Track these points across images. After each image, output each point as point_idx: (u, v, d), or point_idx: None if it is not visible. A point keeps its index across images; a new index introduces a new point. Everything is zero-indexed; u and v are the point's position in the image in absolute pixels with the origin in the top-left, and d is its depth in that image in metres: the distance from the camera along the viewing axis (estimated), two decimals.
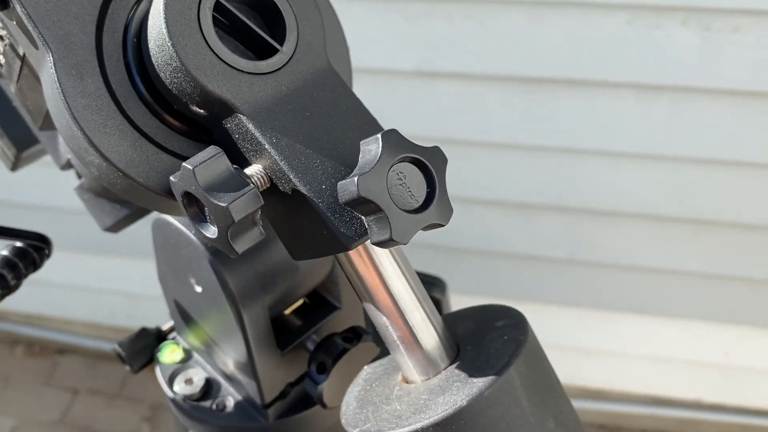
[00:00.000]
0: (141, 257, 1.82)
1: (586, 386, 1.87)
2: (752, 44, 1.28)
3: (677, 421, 1.83)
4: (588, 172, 1.48)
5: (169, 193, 0.47)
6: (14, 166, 0.74)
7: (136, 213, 0.69)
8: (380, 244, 0.42)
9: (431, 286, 0.77)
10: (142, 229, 0.80)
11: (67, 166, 0.69)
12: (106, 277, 2.01)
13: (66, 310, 2.14)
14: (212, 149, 0.43)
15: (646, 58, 1.33)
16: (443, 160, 0.44)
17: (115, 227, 0.70)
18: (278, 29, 0.47)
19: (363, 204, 0.41)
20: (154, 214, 0.63)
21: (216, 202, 0.41)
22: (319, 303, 0.68)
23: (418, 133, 1.48)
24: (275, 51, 0.47)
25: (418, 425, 0.47)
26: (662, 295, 1.62)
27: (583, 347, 1.80)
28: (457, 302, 0.81)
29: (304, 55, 0.47)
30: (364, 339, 0.62)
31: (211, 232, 0.43)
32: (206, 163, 0.42)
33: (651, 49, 1.32)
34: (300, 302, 0.68)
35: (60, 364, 2.18)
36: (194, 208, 0.44)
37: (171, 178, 0.43)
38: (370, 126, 0.48)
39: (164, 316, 0.75)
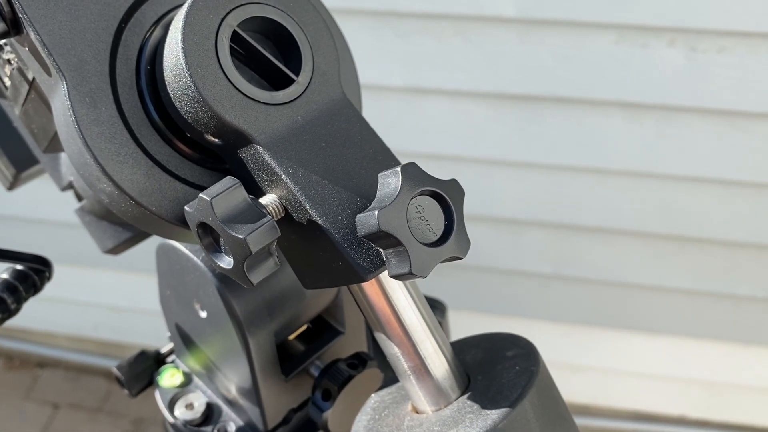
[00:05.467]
0: (125, 270, 1.81)
1: (572, 401, 1.87)
2: (737, 65, 1.30)
3: None
4: (575, 188, 1.49)
5: (181, 222, 0.46)
6: (12, 186, 0.73)
7: (138, 236, 0.68)
8: (399, 277, 0.42)
9: (432, 309, 0.77)
10: None
11: (68, 187, 0.68)
12: (90, 290, 1.98)
13: (48, 322, 2.11)
14: (229, 180, 0.43)
15: (633, 77, 1.34)
16: (461, 193, 0.44)
17: (116, 249, 0.69)
18: (294, 59, 0.47)
19: (383, 238, 0.41)
20: (156, 237, 0.62)
21: (233, 233, 0.41)
22: (323, 328, 0.68)
23: (408, 149, 1.49)
24: (291, 81, 0.46)
25: None
26: (648, 311, 1.63)
27: (568, 362, 1.80)
28: None
29: (320, 86, 0.47)
30: (369, 365, 0.62)
31: (227, 262, 0.43)
32: (223, 195, 0.42)
33: (638, 68, 1.33)
34: (303, 327, 0.67)
35: (40, 378, 2.15)
36: (209, 238, 0.44)
37: (186, 208, 0.43)
38: (385, 156, 0.48)
39: (148, 330, 0.74)
